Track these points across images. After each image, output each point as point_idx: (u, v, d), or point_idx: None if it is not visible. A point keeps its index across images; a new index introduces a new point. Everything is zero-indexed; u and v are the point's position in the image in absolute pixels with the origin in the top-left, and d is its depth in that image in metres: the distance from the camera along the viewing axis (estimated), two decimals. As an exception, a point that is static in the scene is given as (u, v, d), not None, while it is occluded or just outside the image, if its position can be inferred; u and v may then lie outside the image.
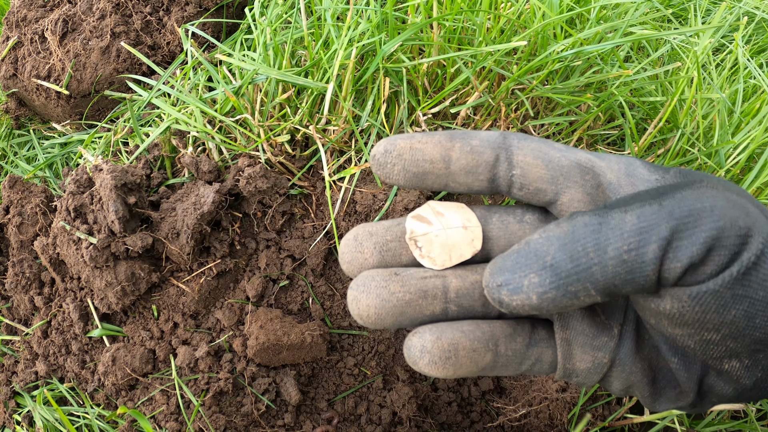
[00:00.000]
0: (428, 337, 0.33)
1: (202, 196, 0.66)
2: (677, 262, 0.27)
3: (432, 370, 0.33)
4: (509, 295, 0.30)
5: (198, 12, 0.87)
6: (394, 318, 0.34)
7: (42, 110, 0.93)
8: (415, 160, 0.34)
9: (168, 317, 0.69)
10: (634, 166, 0.34)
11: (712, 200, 0.28)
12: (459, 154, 0.34)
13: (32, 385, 0.73)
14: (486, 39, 0.66)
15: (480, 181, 0.34)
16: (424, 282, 0.34)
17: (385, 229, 0.36)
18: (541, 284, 0.29)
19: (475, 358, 0.33)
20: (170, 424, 0.66)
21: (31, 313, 0.75)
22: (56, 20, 0.87)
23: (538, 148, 0.33)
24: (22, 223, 0.74)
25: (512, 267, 0.30)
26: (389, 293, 0.33)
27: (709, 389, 0.34)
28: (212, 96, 0.75)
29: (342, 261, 0.36)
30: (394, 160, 0.34)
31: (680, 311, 0.29)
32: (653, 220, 0.28)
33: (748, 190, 0.68)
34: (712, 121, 0.73)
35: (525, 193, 0.34)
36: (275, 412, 0.69)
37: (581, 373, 0.35)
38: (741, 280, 0.28)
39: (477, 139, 0.34)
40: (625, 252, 0.28)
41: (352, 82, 0.67)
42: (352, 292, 0.34)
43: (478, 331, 0.34)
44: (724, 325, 0.29)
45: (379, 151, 0.34)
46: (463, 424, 0.75)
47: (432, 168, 0.34)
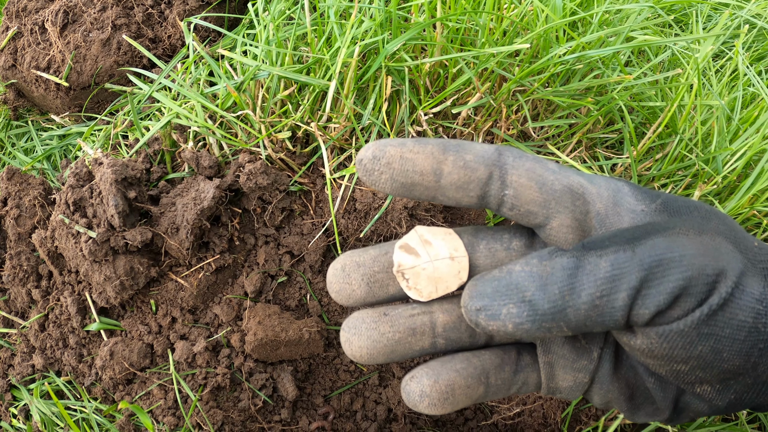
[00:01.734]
0: (426, 381, 0.34)
1: (202, 192, 0.67)
2: (645, 309, 0.29)
3: (432, 411, 0.34)
4: (486, 320, 0.31)
5: (200, 6, 0.87)
6: (385, 356, 0.35)
7: (41, 102, 0.93)
8: (404, 171, 0.33)
9: (166, 312, 0.70)
10: (621, 194, 0.34)
11: (682, 248, 0.29)
12: (451, 169, 0.33)
13: (29, 378, 0.73)
14: (489, 40, 0.66)
15: (470, 197, 0.34)
16: (412, 320, 0.35)
17: (372, 260, 0.36)
18: (518, 315, 0.31)
19: (470, 393, 0.35)
20: (168, 418, 0.66)
21: (29, 305, 0.75)
22: (57, 11, 0.87)
23: (532, 169, 0.33)
24: (20, 215, 0.74)
25: (492, 294, 0.31)
26: (379, 334, 0.35)
27: (685, 406, 0.35)
28: (213, 91, 0.74)
29: (330, 290, 0.37)
30: (382, 168, 0.33)
31: (649, 347, 0.31)
32: (625, 268, 0.29)
33: (744, 197, 0.68)
34: (711, 128, 0.74)
35: (515, 213, 0.34)
36: (272, 408, 0.69)
37: (564, 390, 0.37)
38: (707, 321, 0.29)
39: (471, 153, 0.33)
40: (597, 298, 0.29)
41: (354, 80, 0.68)
42: (345, 334, 0.35)
43: (470, 367, 0.35)
44: (691, 358, 0.30)
45: (367, 157, 0.33)
46: (457, 421, 0.76)
47: (421, 180, 0.33)
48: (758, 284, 0.30)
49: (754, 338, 0.30)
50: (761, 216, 0.70)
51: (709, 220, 0.33)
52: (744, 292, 0.29)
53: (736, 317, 0.29)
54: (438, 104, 0.70)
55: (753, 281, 0.30)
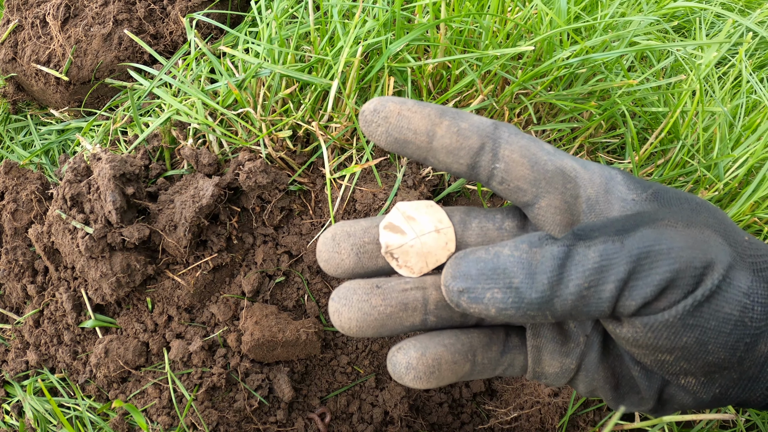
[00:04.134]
0: (413, 353, 0.34)
1: (201, 189, 0.66)
2: (632, 301, 0.29)
3: (417, 384, 0.34)
4: (468, 302, 0.31)
5: (202, 3, 0.87)
6: (375, 330, 0.34)
7: (40, 96, 0.92)
8: (399, 126, 0.33)
9: (162, 310, 0.69)
10: (614, 182, 0.34)
11: (670, 241, 0.29)
12: (444, 132, 0.33)
13: (22, 374, 0.72)
14: (492, 43, 0.66)
15: (459, 165, 0.34)
16: (404, 295, 0.35)
17: (363, 231, 0.36)
18: (503, 301, 0.30)
19: (456, 369, 0.35)
20: (162, 418, 0.65)
21: (24, 301, 0.74)
22: (58, 5, 0.86)
23: (526, 147, 0.34)
24: (16, 209, 0.73)
25: (477, 276, 0.31)
26: (370, 307, 0.34)
27: (670, 398, 0.35)
28: (214, 88, 0.74)
29: (319, 259, 0.36)
30: (380, 121, 0.34)
31: (634, 336, 0.31)
32: (613, 259, 0.29)
33: (746, 204, 0.68)
34: (713, 134, 0.73)
35: (504, 188, 0.34)
36: (268, 409, 0.69)
37: (549, 376, 0.37)
38: (692, 312, 0.29)
39: (467, 122, 0.34)
40: (584, 289, 0.29)
41: (356, 80, 0.67)
42: (334, 304, 0.34)
43: (458, 343, 0.35)
44: (676, 349, 0.30)
45: (369, 108, 0.34)
46: (454, 425, 0.75)
47: (414, 138, 0.34)
48: (746, 278, 0.30)
49: (740, 332, 0.30)
50: (762, 223, 0.70)
51: (699, 213, 0.32)
52: (731, 285, 0.29)
53: (722, 310, 0.29)
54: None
55: (741, 275, 0.30)
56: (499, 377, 0.78)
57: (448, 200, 0.74)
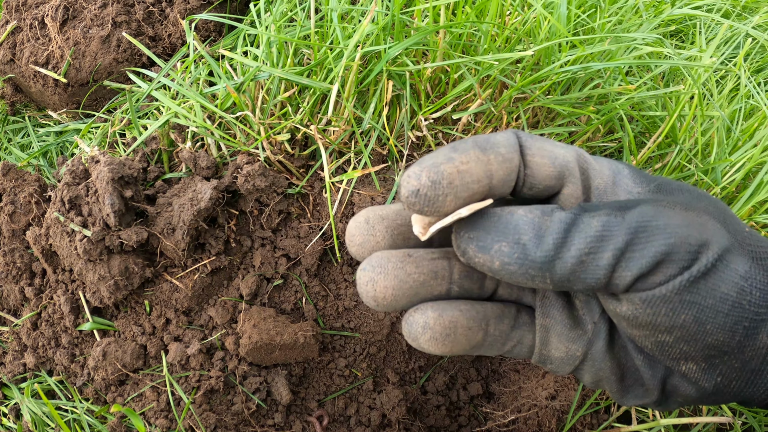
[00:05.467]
0: (431, 314, 0.34)
1: (200, 192, 0.66)
2: (628, 271, 0.30)
3: (432, 346, 0.34)
4: (475, 251, 0.31)
5: (201, 5, 0.87)
6: (409, 299, 0.34)
7: (38, 97, 0.92)
8: (465, 184, 0.30)
9: (160, 313, 0.69)
10: (621, 176, 0.35)
11: (666, 219, 0.30)
12: (497, 167, 0.32)
13: (20, 377, 0.72)
14: (491, 47, 0.66)
15: (509, 188, 0.33)
16: (434, 263, 0.35)
17: (396, 213, 0.36)
18: (508, 255, 0.31)
19: (470, 336, 0.35)
20: (160, 421, 0.65)
21: (21, 303, 0.74)
22: (57, 6, 0.86)
23: (543, 147, 0.34)
24: (14, 211, 0.73)
25: (488, 227, 0.31)
26: (406, 274, 0.34)
27: (673, 389, 0.35)
28: (213, 91, 0.74)
29: (351, 243, 0.36)
30: (446, 190, 0.30)
31: (633, 314, 0.31)
32: (613, 230, 0.30)
33: (744, 207, 0.68)
34: (710, 139, 0.74)
35: (534, 192, 0.34)
36: (266, 412, 0.69)
37: (555, 361, 0.37)
38: (689, 288, 0.30)
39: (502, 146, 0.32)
40: (584, 254, 0.30)
41: (354, 84, 0.67)
42: (367, 274, 0.33)
43: (473, 310, 0.35)
44: (675, 328, 0.31)
45: (425, 185, 0.29)
46: (452, 427, 0.75)
47: (478, 188, 0.31)
48: (744, 262, 0.30)
49: (738, 314, 0.30)
50: (759, 227, 0.70)
51: (700, 200, 0.33)
52: (728, 267, 0.30)
53: (719, 289, 0.30)
54: (438, 110, 0.69)
55: (738, 259, 0.30)
56: (497, 380, 0.78)
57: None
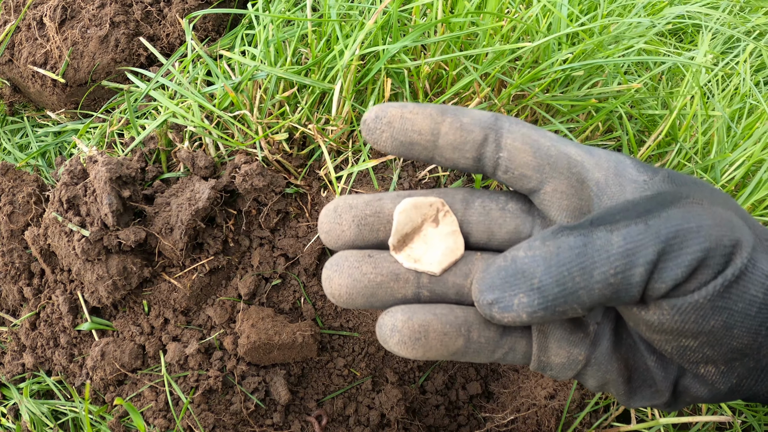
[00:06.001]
0: (399, 316, 0.33)
1: (198, 192, 0.66)
2: (662, 283, 0.28)
3: (401, 349, 0.33)
4: (500, 312, 0.31)
5: (199, 5, 0.86)
6: (365, 299, 0.34)
7: (37, 98, 0.92)
8: (403, 129, 0.34)
9: (159, 313, 0.69)
10: (623, 165, 0.34)
11: (699, 219, 0.28)
12: (448, 129, 0.34)
13: (19, 377, 0.72)
14: (490, 44, 0.65)
15: (466, 159, 0.34)
16: (396, 265, 0.35)
17: (365, 203, 0.36)
18: (530, 305, 0.30)
19: (446, 341, 0.34)
20: (159, 421, 0.65)
21: (20, 303, 0.74)
22: (55, 6, 0.86)
23: (528, 134, 0.34)
24: (13, 212, 0.73)
25: (501, 285, 0.31)
26: (361, 274, 0.34)
27: (684, 390, 0.34)
28: (211, 90, 0.74)
29: (320, 231, 0.36)
30: (383, 127, 0.34)
31: (660, 320, 0.30)
32: (639, 242, 0.28)
33: (744, 205, 0.68)
34: (711, 137, 0.73)
35: (509, 176, 0.34)
36: (264, 412, 0.69)
37: (556, 367, 0.35)
38: (722, 293, 0.28)
39: (468, 116, 0.34)
40: (611, 276, 0.28)
41: (353, 83, 0.67)
42: (326, 272, 0.35)
43: (451, 315, 0.34)
44: (702, 333, 0.29)
45: (370, 117, 0.34)
46: (451, 427, 0.75)
47: (420, 139, 0.34)
48: (766, 260, 0.29)
49: (764, 315, 0.29)
50: (759, 226, 0.70)
51: (715, 195, 0.32)
52: (756, 267, 0.29)
53: (749, 291, 0.28)
54: (437, 108, 0.69)
55: (763, 257, 0.29)
56: (497, 380, 0.78)
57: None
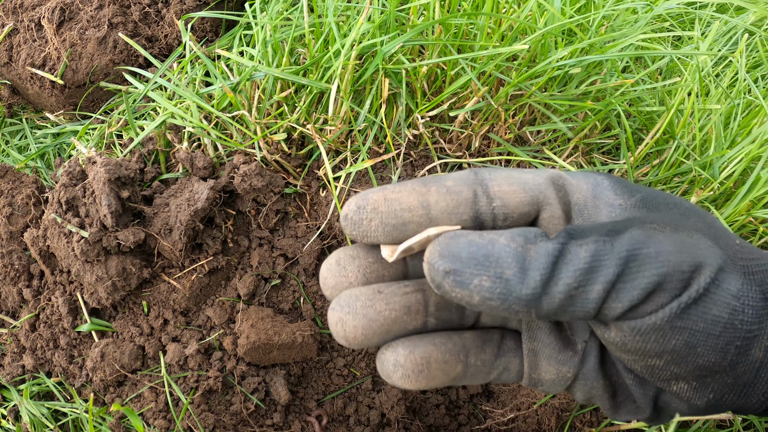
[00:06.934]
0: (401, 351, 0.33)
1: (196, 193, 0.66)
2: (618, 303, 0.29)
3: (405, 383, 0.33)
4: (452, 285, 0.30)
5: (197, 6, 0.87)
6: (381, 336, 0.33)
7: (35, 99, 0.92)
8: (392, 211, 0.32)
9: (158, 313, 0.69)
10: (600, 188, 0.34)
11: (658, 245, 0.29)
12: (436, 198, 0.33)
13: (19, 378, 0.72)
14: (487, 44, 0.65)
15: (464, 221, 0.33)
16: (407, 298, 0.34)
17: (367, 252, 0.35)
18: (490, 290, 0.29)
19: (447, 369, 0.34)
20: (159, 421, 0.65)
21: (19, 305, 0.74)
22: (53, 8, 0.86)
23: (510, 175, 0.34)
24: (12, 213, 0.73)
25: (467, 260, 0.30)
26: (376, 312, 0.33)
27: (665, 405, 0.35)
28: (209, 91, 0.74)
29: (325, 286, 0.35)
30: (370, 215, 0.32)
31: (623, 340, 0.30)
32: (603, 260, 0.29)
33: (741, 203, 0.68)
34: (708, 134, 0.73)
35: (510, 222, 0.34)
36: (264, 412, 0.69)
37: (546, 383, 0.36)
38: (680, 315, 0.29)
39: (449, 180, 0.34)
40: (573, 288, 0.29)
41: (351, 83, 0.67)
42: (336, 314, 0.33)
43: (449, 343, 0.34)
44: (665, 353, 0.30)
45: (351, 209, 0.33)
46: (451, 426, 0.75)
47: (412, 216, 0.32)
48: (736, 281, 0.30)
49: (730, 335, 0.29)
50: (758, 222, 0.70)
51: (689, 217, 0.32)
52: (720, 288, 0.29)
53: (710, 312, 0.29)
54: (435, 107, 0.69)
55: (731, 277, 0.30)
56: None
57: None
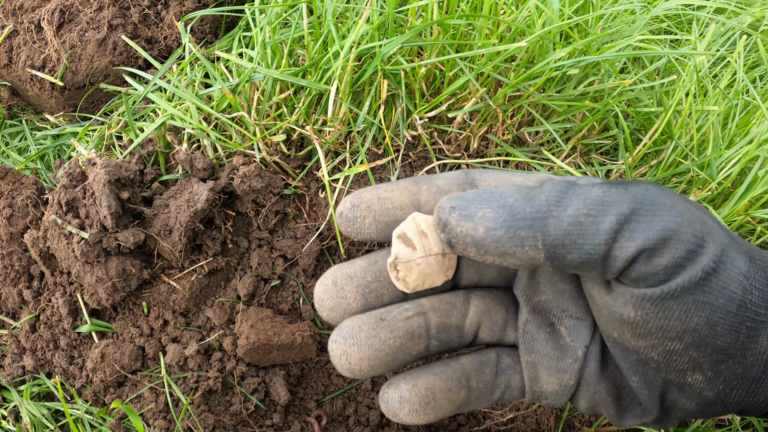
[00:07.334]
0: (404, 386, 0.33)
1: (196, 194, 0.66)
2: (631, 242, 0.27)
3: (413, 418, 0.33)
4: (457, 219, 0.30)
5: (197, 7, 0.87)
6: (386, 365, 0.33)
7: (35, 101, 0.92)
8: (385, 210, 0.33)
9: (158, 314, 0.69)
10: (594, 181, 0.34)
11: (674, 200, 0.29)
12: (427, 197, 0.33)
13: (19, 379, 0.72)
14: (485, 44, 0.66)
15: None
16: (409, 323, 0.34)
17: (364, 270, 0.35)
18: (493, 219, 0.29)
19: (452, 397, 0.34)
20: (159, 422, 0.65)
21: (20, 306, 0.74)
22: (53, 10, 0.87)
23: (500, 176, 0.34)
24: (12, 215, 0.73)
25: (472, 198, 0.30)
26: (381, 342, 0.32)
27: (672, 405, 0.34)
28: (209, 93, 0.74)
29: (321, 308, 0.34)
30: (364, 213, 0.33)
31: (644, 318, 0.29)
32: (616, 198, 0.28)
33: (739, 203, 0.68)
34: (706, 135, 0.74)
35: None
36: (264, 412, 0.69)
37: (550, 395, 0.35)
38: (702, 285, 0.28)
39: (440, 179, 0.34)
40: (583, 215, 0.28)
41: (349, 84, 0.67)
42: (339, 347, 0.32)
43: (449, 370, 0.34)
44: (687, 333, 0.29)
45: (346, 208, 0.33)
46: (450, 427, 0.75)
47: (403, 214, 0.33)
48: (743, 261, 0.29)
49: (743, 314, 0.29)
50: (755, 222, 0.70)
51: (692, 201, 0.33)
52: (733, 264, 0.29)
53: (729, 287, 0.28)
54: (433, 108, 0.70)
55: (738, 256, 0.29)
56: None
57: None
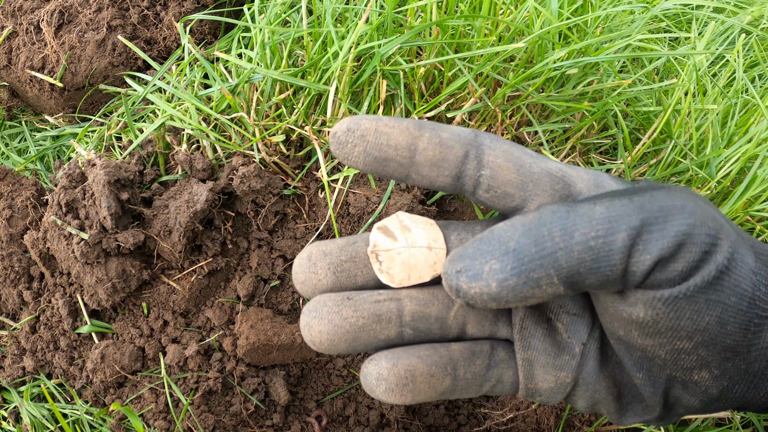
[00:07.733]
0: (384, 364, 0.32)
1: (196, 194, 0.66)
2: (647, 254, 0.27)
3: (389, 397, 0.32)
4: (467, 282, 0.29)
5: (196, 8, 0.87)
6: (348, 344, 0.33)
7: (35, 102, 0.92)
8: (378, 144, 0.31)
9: (158, 315, 0.69)
10: (602, 178, 0.33)
11: (683, 200, 0.28)
12: (426, 145, 0.32)
13: (19, 380, 0.72)
14: (484, 44, 0.66)
15: (444, 177, 0.32)
16: (377, 306, 0.33)
17: (340, 249, 0.34)
18: (501, 270, 0.28)
19: (433, 383, 0.33)
20: (159, 422, 0.66)
21: (20, 307, 0.74)
22: (52, 11, 0.87)
23: (510, 151, 0.32)
24: (12, 216, 0.73)
25: (473, 253, 0.29)
26: (341, 318, 0.32)
27: (675, 401, 0.33)
28: (208, 93, 0.74)
29: (296, 281, 0.34)
30: (356, 141, 0.31)
31: (654, 318, 0.28)
32: (623, 212, 0.27)
33: (738, 201, 0.68)
34: (705, 134, 0.74)
35: (491, 195, 0.33)
36: (264, 412, 0.69)
37: (544, 393, 0.35)
38: (714, 284, 0.27)
39: (447, 132, 0.32)
40: (592, 238, 0.27)
41: (349, 84, 0.67)
42: (305, 318, 0.33)
43: (435, 355, 0.33)
44: (697, 332, 0.28)
45: (341, 129, 0.31)
46: (450, 427, 0.76)
47: (395, 155, 0.32)
48: (750, 256, 0.29)
49: (752, 311, 0.28)
50: (755, 221, 0.70)
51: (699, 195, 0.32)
52: (743, 261, 0.28)
53: (740, 285, 0.28)
54: (432, 108, 0.70)
55: (745, 252, 0.29)
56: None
57: (442, 203, 0.74)
